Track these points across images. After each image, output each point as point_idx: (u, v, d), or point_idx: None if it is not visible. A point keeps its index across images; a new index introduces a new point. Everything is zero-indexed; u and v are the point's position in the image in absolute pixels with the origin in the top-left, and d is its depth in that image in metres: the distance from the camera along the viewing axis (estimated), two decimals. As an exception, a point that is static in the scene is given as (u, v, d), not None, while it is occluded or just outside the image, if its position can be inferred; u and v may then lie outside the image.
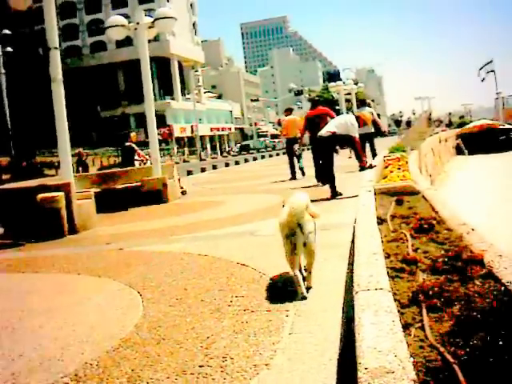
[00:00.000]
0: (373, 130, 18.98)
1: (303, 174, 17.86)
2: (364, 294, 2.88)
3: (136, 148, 18.38)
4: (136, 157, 18.72)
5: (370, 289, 2.95)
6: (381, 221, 5.47)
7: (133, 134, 19.15)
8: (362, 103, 21.23)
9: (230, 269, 5.98)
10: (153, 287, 5.56)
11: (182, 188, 16.90)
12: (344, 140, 11.88)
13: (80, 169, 22.65)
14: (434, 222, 5.06)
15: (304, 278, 4.84)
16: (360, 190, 7.71)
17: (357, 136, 11.75)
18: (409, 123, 65.06)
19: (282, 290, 4.90)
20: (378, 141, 19.97)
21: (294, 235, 4.65)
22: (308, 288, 4.77)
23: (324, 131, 11.71)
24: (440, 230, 4.76)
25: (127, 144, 18.46)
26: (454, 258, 3.70)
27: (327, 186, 11.76)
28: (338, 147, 12.81)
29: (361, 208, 6.01)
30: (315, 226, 4.95)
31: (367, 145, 18.66)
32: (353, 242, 5.07)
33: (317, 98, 17.04)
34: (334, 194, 11.36)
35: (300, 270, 4.81)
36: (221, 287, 5.26)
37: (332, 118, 13.86)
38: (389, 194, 7.29)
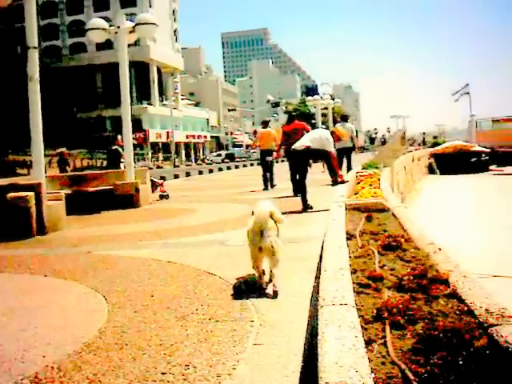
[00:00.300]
0: (351, 145, 19.37)
1: (272, 185, 18.06)
2: (329, 309, 2.89)
3: (121, 151, 18.29)
4: (122, 160, 18.67)
5: (334, 303, 2.97)
6: (350, 236, 5.49)
7: (119, 137, 19.11)
8: (343, 119, 21.52)
9: (197, 277, 5.97)
10: (119, 292, 5.53)
11: (164, 192, 16.93)
12: (318, 154, 11.94)
13: (67, 168, 22.29)
14: (402, 239, 5.09)
15: (270, 279, 5.25)
16: (331, 205, 7.74)
17: (332, 150, 11.81)
18: (383, 140, 65.63)
19: (248, 298, 4.91)
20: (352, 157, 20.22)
21: (258, 240, 5.14)
22: (275, 294, 5.07)
23: (298, 145, 11.76)
24: (408, 248, 4.80)
25: (114, 147, 18.34)
26: (420, 276, 3.73)
27: (299, 199, 11.80)
28: (311, 161, 12.87)
29: (331, 222, 6.03)
30: (279, 232, 5.41)
31: (344, 159, 18.98)
32: (321, 256, 5.09)
33: (294, 113, 17.30)
34: (306, 207, 11.41)
35: (264, 272, 5.28)
36: (187, 295, 5.24)
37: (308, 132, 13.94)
38: (359, 210, 7.32)
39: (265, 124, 19.59)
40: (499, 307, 2.87)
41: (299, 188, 11.73)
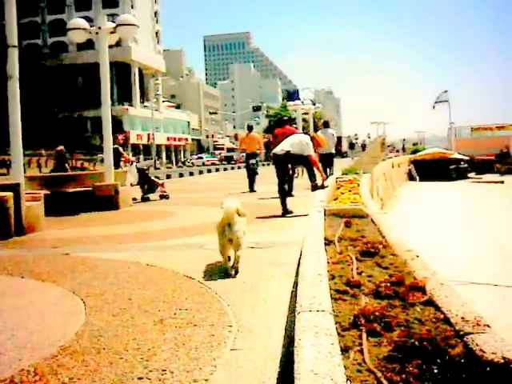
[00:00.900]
0: (333, 151, 20.11)
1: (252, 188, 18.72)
2: (306, 315, 2.90)
3: (122, 151, 18.24)
4: (122, 158, 18.69)
5: (311, 310, 2.98)
6: (328, 242, 5.52)
7: (120, 136, 19.13)
8: (325, 125, 22.10)
9: (176, 281, 5.96)
10: (96, 295, 5.51)
11: (164, 192, 17.16)
12: (298, 159, 11.97)
13: (66, 165, 21.99)
14: (381, 246, 5.13)
15: (233, 266, 6.21)
16: (310, 210, 7.77)
17: (312, 154, 11.85)
18: (364, 146, 65.94)
19: (228, 305, 4.92)
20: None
21: (225, 231, 6.13)
22: (236, 272, 6.18)
23: (279, 149, 11.79)
24: (385, 254, 4.83)
25: (114, 146, 18.22)
26: (397, 283, 3.76)
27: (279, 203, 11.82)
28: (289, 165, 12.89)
29: (310, 228, 6.06)
30: (244, 225, 6.40)
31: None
32: (299, 261, 5.11)
33: (285, 118, 17.99)
34: (285, 212, 11.44)
35: (229, 258, 6.24)
36: (165, 299, 5.24)
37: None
38: (339, 215, 7.37)
39: (249, 129, 20.29)
40: (475, 315, 2.90)
41: (279, 192, 11.76)
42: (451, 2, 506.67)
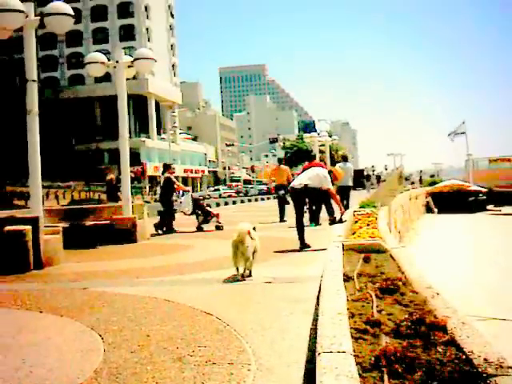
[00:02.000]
0: (351, 184, 20.74)
1: (282, 220, 19.31)
2: (326, 356, 2.89)
3: (174, 180, 18.34)
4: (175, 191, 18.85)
5: (332, 351, 2.96)
6: (347, 278, 5.50)
7: (173, 166, 19.40)
8: (343, 159, 22.86)
9: (194, 317, 5.93)
10: (115, 331, 5.50)
11: (220, 223, 17.34)
12: (316, 192, 11.95)
13: (118, 194, 22.05)
14: (400, 283, 5.10)
15: (242, 274, 8.14)
16: (329, 245, 7.75)
17: (330, 187, 11.85)
18: (379, 178, 65.82)
19: (246, 342, 4.89)
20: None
21: (237, 248, 7.94)
22: (243, 277, 8.12)
23: (297, 182, 11.80)
24: (405, 291, 4.80)
25: (166, 175, 18.34)
26: (418, 322, 3.73)
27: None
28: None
29: (328, 264, 6.04)
30: (252, 244, 8.19)
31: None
32: (318, 298, 5.08)
33: (313, 154, 19.42)
34: (303, 246, 11.40)
35: (238, 268, 8.14)
36: (184, 336, 5.21)
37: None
38: (357, 250, 7.34)
39: (279, 161, 21.59)
40: (498, 356, 2.87)
41: (297, 226, 11.73)
42: (467, 31, 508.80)
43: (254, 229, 8.46)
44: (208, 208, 18.19)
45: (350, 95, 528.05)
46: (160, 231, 17.42)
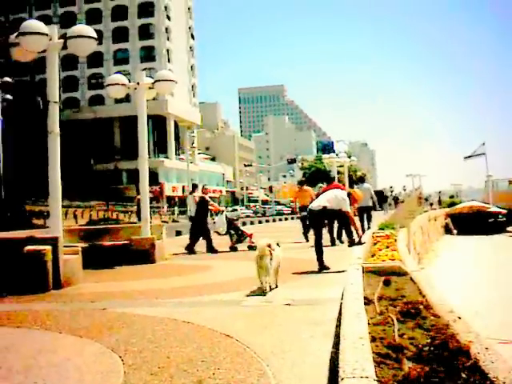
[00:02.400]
0: (371, 204, 20.99)
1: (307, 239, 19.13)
2: (349, 382, 2.87)
3: (209, 200, 18.45)
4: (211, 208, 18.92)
5: (355, 376, 2.94)
6: (368, 301, 5.46)
7: (207, 186, 19.66)
8: (360, 180, 23.74)
9: (213, 339, 5.92)
10: (135, 352, 5.49)
11: (253, 243, 17.03)
12: (335, 214, 11.95)
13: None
14: (421, 306, 5.06)
15: (268, 288, 8.81)
16: (348, 268, 7.72)
17: (349, 210, 11.85)
18: (396, 199, 65.56)
19: (267, 364, 4.86)
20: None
21: (259, 262, 8.71)
22: (271, 289, 8.91)
23: (315, 204, 11.80)
24: (427, 315, 4.76)
25: (201, 195, 18.46)
26: (441, 346, 3.70)
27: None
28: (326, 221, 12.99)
29: (348, 287, 6.00)
30: (272, 258, 8.80)
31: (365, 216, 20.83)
32: (339, 321, 5.06)
33: (333, 176, 19.79)
34: (322, 268, 11.36)
35: (262, 282, 8.82)
36: (204, 358, 5.20)
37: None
38: (377, 273, 7.30)
39: (302, 183, 21.98)
40: (522, 383, 2.83)
41: (315, 248, 11.70)
42: (483, 52, 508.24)
43: (277, 244, 9.30)
44: (242, 228, 18.19)
45: (369, 116, 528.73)
46: (188, 251, 17.43)
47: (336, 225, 16.82)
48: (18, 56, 12.27)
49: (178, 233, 28.75)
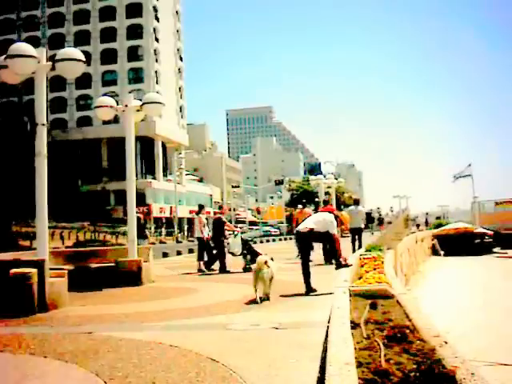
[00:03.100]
0: (363, 226, 21.72)
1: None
2: (335, 409, 2.86)
3: (225, 220, 18.46)
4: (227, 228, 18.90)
5: (341, 403, 2.93)
6: (354, 325, 5.46)
7: (225, 206, 19.86)
8: (355, 202, 24.10)
9: (200, 363, 5.89)
10: (120, 378, 5.45)
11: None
12: (321, 236, 11.98)
13: (146, 232, 22.34)
14: (408, 330, 5.06)
15: (261, 297, 10.35)
16: (335, 290, 7.72)
17: (335, 233, 11.88)
18: (381, 220, 65.80)
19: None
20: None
21: (257, 274, 10.45)
22: (265, 299, 10.41)
23: (302, 227, 11.84)
24: (413, 339, 4.76)
25: (217, 216, 18.52)
26: (427, 372, 3.70)
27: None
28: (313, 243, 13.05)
29: (335, 310, 6.00)
30: (268, 271, 10.60)
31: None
32: (325, 345, 5.04)
33: (327, 199, 20.21)
34: (309, 291, 11.35)
35: (256, 291, 10.38)
36: (189, 383, 5.17)
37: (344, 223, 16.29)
38: (363, 296, 7.30)
39: (304, 205, 23.94)
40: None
41: (302, 270, 11.70)
42: (469, 74, 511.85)
43: (271, 259, 11.11)
44: (256, 249, 18.19)
45: (356, 138, 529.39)
46: (206, 270, 17.44)
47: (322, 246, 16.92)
48: (6, 78, 12.29)
49: (165, 254, 28.65)
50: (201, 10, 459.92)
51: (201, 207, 19.57)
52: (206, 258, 18.31)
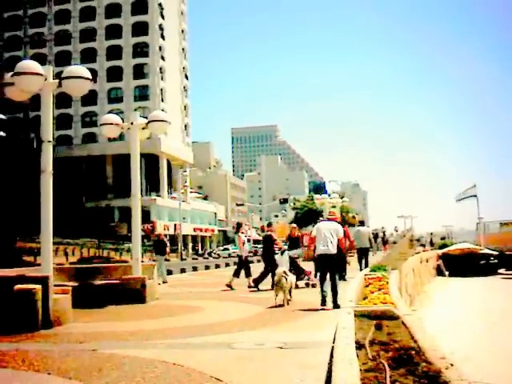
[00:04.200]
0: (368, 246, 21.68)
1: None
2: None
3: (275, 237, 18.50)
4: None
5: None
6: (359, 346, 5.44)
7: (275, 225, 20.02)
8: (361, 223, 23.91)
9: (203, 382, 5.87)
10: (124, 396, 5.43)
11: (312, 281, 17.08)
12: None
13: (166, 249, 22.71)
14: (413, 352, 5.04)
15: (282, 304, 12.12)
16: (340, 311, 7.70)
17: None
18: (385, 241, 65.72)
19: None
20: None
21: (277, 284, 12.37)
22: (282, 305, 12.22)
23: (326, 249, 12.20)
24: (419, 361, 4.74)
25: (268, 233, 18.57)
26: (432, 395, 3.68)
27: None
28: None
29: (340, 331, 5.98)
30: (292, 280, 12.90)
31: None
32: (330, 366, 5.02)
33: (343, 217, 20.54)
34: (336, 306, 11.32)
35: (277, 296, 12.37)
36: (193, 402, 5.15)
37: (348, 237, 16.60)
38: (368, 316, 7.27)
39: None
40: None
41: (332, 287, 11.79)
42: (474, 95, 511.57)
43: (290, 270, 13.99)
44: (300, 266, 18.18)
45: (361, 157, 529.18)
46: (255, 287, 17.42)
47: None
48: (12, 95, 12.35)
49: (169, 272, 28.57)
50: (205, 27, 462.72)
51: (239, 225, 19.62)
52: (242, 276, 18.31)
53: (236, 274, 18.37)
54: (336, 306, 11.34)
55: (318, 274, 12.50)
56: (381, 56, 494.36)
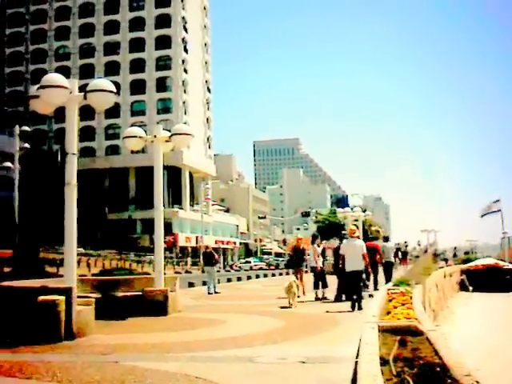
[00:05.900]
0: (393, 260, 23.42)
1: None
2: None
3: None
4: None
5: None
6: (383, 362, 5.38)
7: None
8: (385, 239, 26.22)
9: (226, 397, 5.84)
10: (146, 409, 5.42)
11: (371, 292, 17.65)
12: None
13: (213, 261, 23.05)
14: (438, 369, 4.98)
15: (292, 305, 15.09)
16: (363, 326, 7.63)
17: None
18: (405, 254, 65.31)
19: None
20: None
21: (289, 290, 15.44)
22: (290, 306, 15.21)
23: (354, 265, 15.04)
24: (444, 378, 4.68)
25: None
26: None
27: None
28: None
29: (364, 346, 5.93)
30: (296, 286, 15.62)
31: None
32: (354, 382, 4.98)
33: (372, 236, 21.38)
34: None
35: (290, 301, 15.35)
36: (216, 417, 5.12)
37: (378, 251, 20.16)
38: (392, 332, 7.20)
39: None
40: None
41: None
42: (499, 109, 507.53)
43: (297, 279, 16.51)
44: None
45: (383, 170, 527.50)
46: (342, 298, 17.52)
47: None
48: (37, 108, 12.47)
49: (191, 284, 28.59)
50: (228, 40, 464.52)
51: (315, 237, 19.81)
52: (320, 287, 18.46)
53: (316, 287, 18.51)
54: (360, 307, 14.43)
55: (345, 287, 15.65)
56: (407, 69, 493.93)
